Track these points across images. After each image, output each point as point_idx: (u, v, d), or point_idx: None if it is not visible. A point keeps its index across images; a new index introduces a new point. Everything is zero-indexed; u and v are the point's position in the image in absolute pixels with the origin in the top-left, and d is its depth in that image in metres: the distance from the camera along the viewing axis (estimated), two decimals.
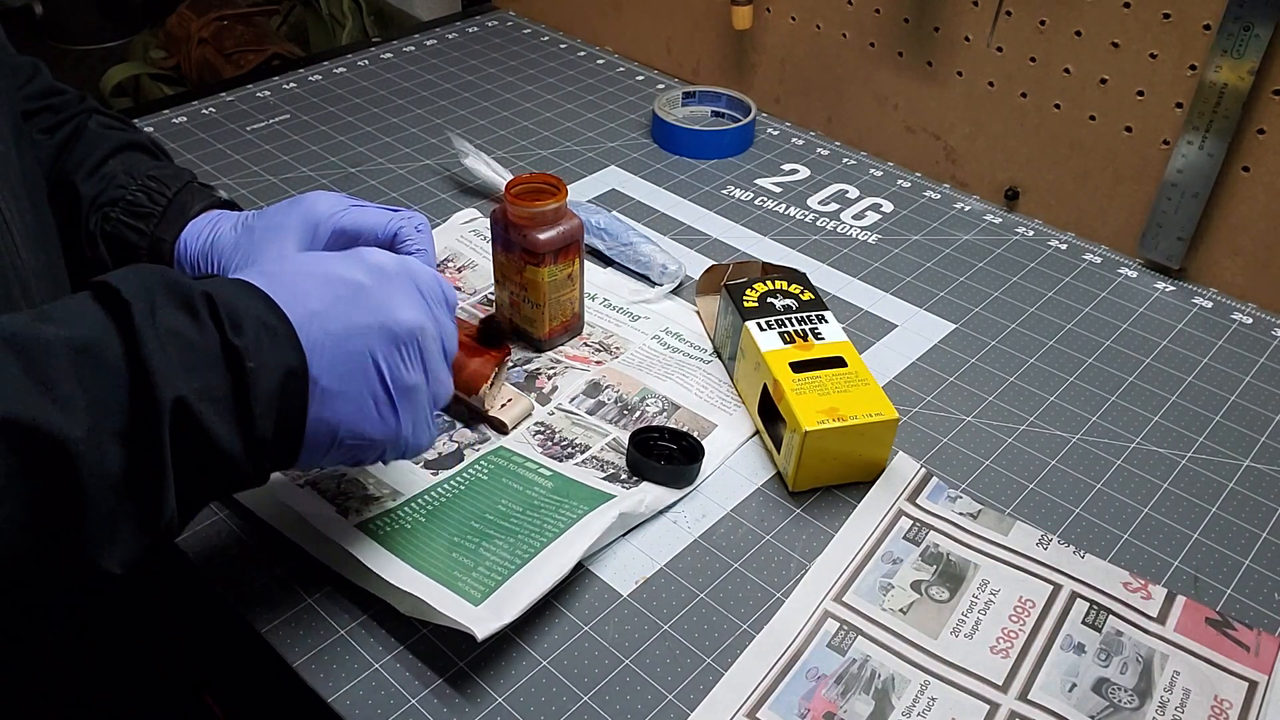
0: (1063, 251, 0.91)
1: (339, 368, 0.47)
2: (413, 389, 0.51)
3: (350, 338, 0.48)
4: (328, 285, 0.49)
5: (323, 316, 0.47)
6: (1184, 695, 0.55)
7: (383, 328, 0.49)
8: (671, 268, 0.83)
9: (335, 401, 0.47)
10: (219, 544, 0.61)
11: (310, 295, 0.48)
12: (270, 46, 1.71)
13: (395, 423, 0.50)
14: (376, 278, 0.50)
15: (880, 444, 0.65)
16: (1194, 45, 0.83)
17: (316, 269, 0.50)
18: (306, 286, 0.48)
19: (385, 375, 0.49)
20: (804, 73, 1.10)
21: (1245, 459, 0.70)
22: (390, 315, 0.49)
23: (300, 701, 0.54)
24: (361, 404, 0.48)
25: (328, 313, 0.48)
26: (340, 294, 0.48)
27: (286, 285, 0.48)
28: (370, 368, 0.48)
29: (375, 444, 0.50)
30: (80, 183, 0.68)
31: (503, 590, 0.54)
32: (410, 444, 0.52)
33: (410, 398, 0.51)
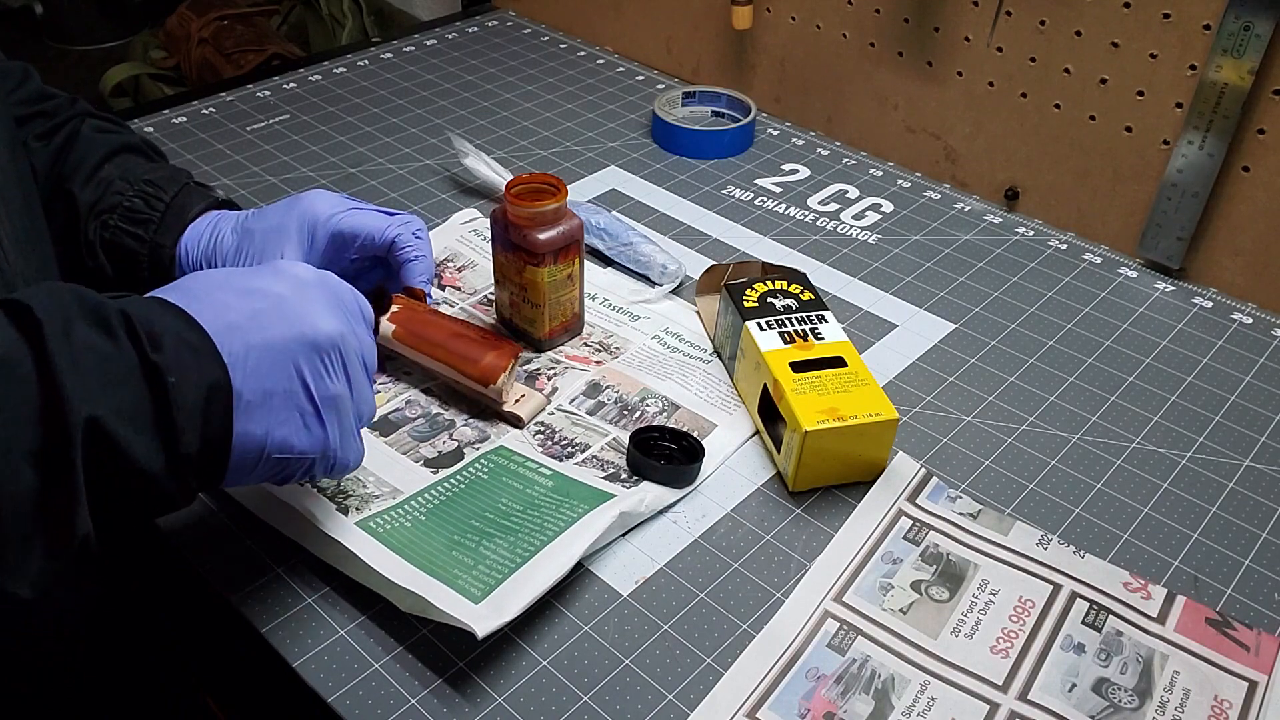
0: (1063, 251, 0.91)
1: (262, 380, 0.47)
2: (338, 398, 0.50)
3: (271, 349, 0.47)
4: (246, 298, 0.48)
5: (243, 329, 0.47)
6: (1184, 695, 0.55)
7: (303, 337, 0.48)
8: (671, 268, 0.83)
9: (260, 414, 0.47)
10: (219, 544, 0.61)
11: (229, 308, 0.47)
12: (270, 46, 1.71)
13: (323, 434, 0.50)
14: (294, 289, 0.50)
15: (880, 444, 0.65)
16: (1194, 45, 0.83)
17: (234, 283, 0.49)
18: (224, 300, 0.47)
19: (309, 385, 0.48)
20: (804, 73, 1.10)
21: (1245, 459, 0.70)
22: (310, 325, 0.49)
23: (300, 701, 0.54)
24: (287, 415, 0.48)
25: (247, 325, 0.47)
26: (258, 307, 0.48)
27: (203, 300, 0.47)
28: (294, 377, 0.48)
29: (303, 457, 0.49)
30: (77, 190, 0.68)
31: (503, 588, 0.54)
32: (338, 457, 0.51)
33: (336, 407, 0.50)
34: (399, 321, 0.70)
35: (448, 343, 0.69)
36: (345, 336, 0.50)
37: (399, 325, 0.70)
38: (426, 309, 0.71)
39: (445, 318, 0.71)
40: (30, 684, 0.56)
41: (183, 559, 0.60)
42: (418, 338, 0.69)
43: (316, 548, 0.59)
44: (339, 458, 0.51)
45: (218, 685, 0.60)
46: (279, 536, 0.61)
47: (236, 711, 0.63)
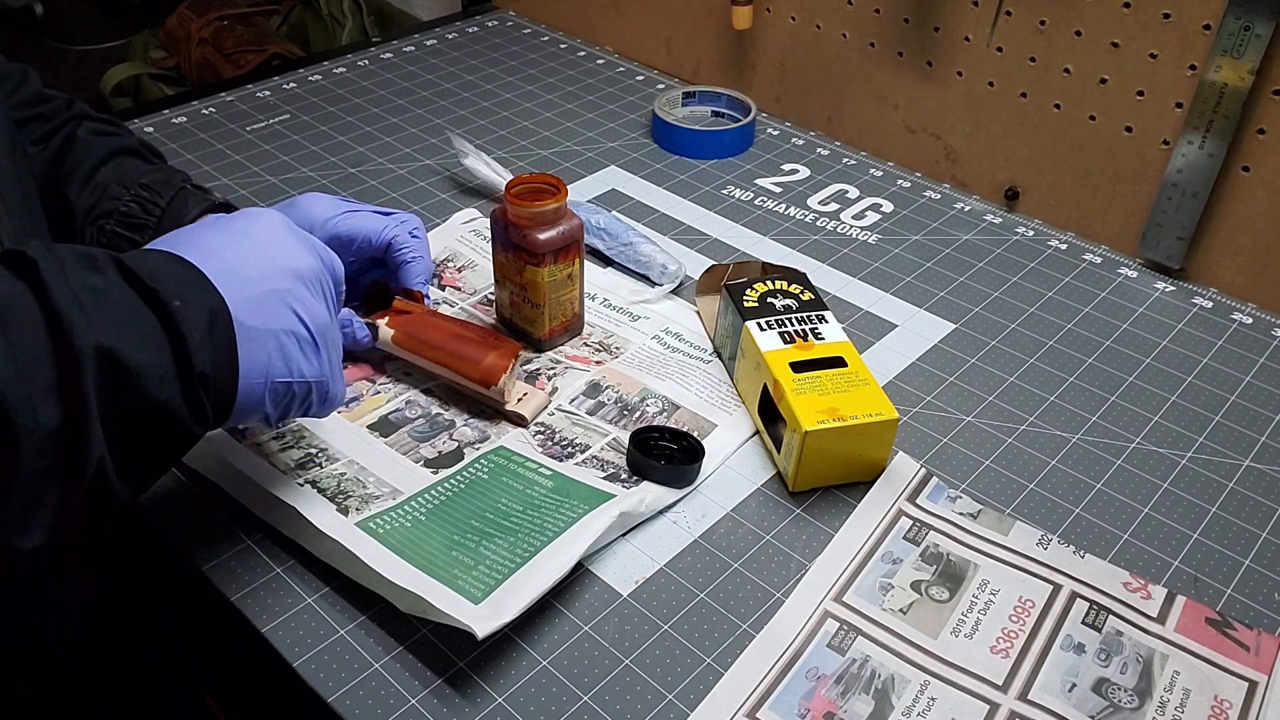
0: (1063, 251, 0.91)
1: (257, 307, 0.48)
2: (327, 326, 0.52)
3: (261, 279, 0.49)
4: (228, 236, 0.50)
5: (230, 262, 0.49)
6: (1184, 695, 0.55)
7: (288, 269, 0.51)
8: (671, 268, 0.83)
9: (262, 340, 0.49)
10: (219, 543, 0.61)
11: (214, 249, 0.49)
12: (270, 46, 1.71)
13: (318, 361, 0.51)
14: (270, 227, 0.52)
15: (880, 444, 0.65)
16: (1194, 45, 0.83)
17: (213, 228, 0.51)
18: (207, 240, 0.50)
19: (302, 313, 0.50)
20: (804, 73, 1.10)
21: (1245, 459, 0.70)
22: (291, 260, 0.51)
23: (300, 701, 0.54)
24: (286, 341, 0.50)
25: (234, 258, 0.49)
26: (240, 243, 0.50)
27: (187, 244, 0.49)
28: (285, 306, 0.50)
29: (304, 383, 0.51)
30: (73, 196, 0.68)
31: (503, 589, 0.54)
32: (330, 387, 0.53)
33: (327, 336, 0.52)
34: (397, 326, 0.70)
35: (448, 345, 0.69)
36: (322, 272, 0.53)
37: (398, 330, 0.70)
38: (425, 310, 0.71)
39: (444, 319, 0.71)
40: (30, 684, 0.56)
41: (183, 558, 0.60)
42: (418, 341, 0.69)
43: (316, 548, 0.59)
44: (331, 388, 0.53)
45: (218, 685, 0.60)
46: (279, 536, 0.61)
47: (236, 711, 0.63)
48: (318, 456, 0.65)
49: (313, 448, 0.65)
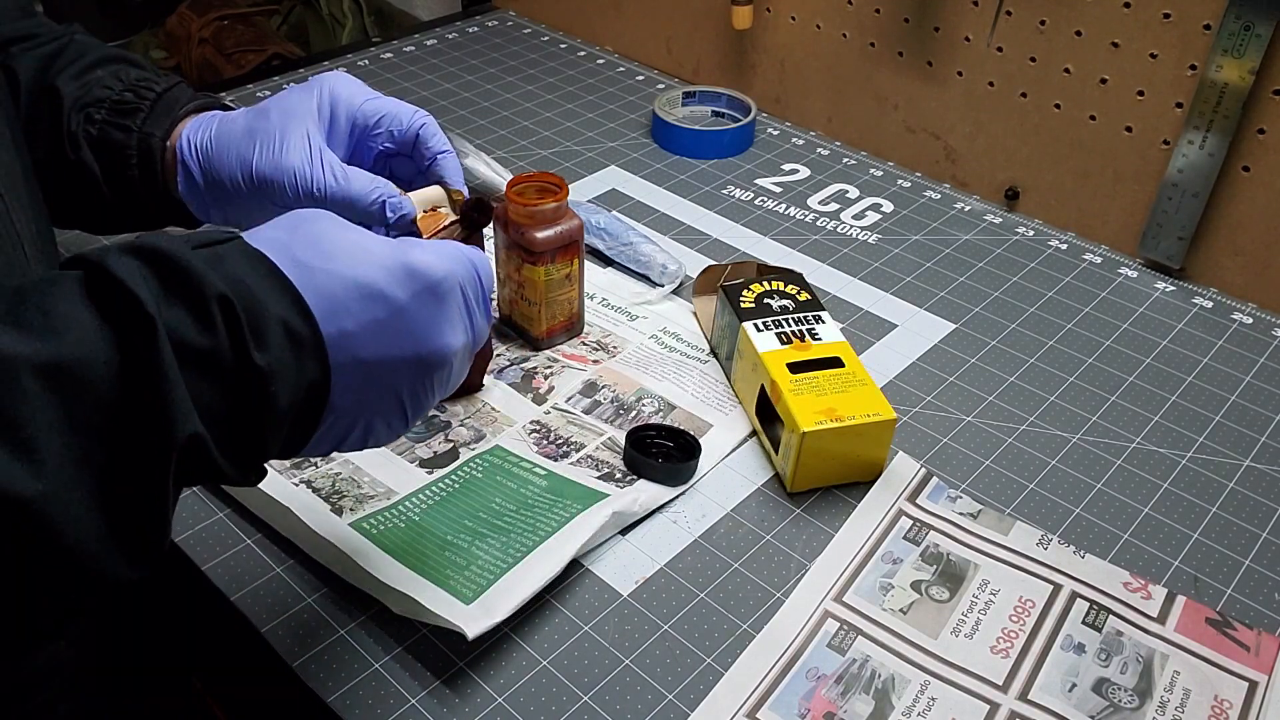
0: (1063, 251, 0.91)
1: (360, 396, 0.42)
2: (428, 410, 0.47)
3: (381, 369, 0.42)
4: (367, 303, 0.41)
5: (355, 340, 0.41)
6: (1184, 695, 0.55)
7: (418, 360, 0.43)
8: (671, 268, 0.82)
9: (345, 421, 0.43)
10: (219, 543, 0.61)
11: (346, 312, 0.41)
12: (270, 46, 1.71)
13: (403, 430, 0.46)
14: (417, 297, 0.43)
15: (878, 444, 0.65)
16: (1194, 45, 0.83)
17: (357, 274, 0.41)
18: (343, 298, 0.41)
19: (406, 405, 0.44)
20: (804, 73, 1.10)
21: (1245, 459, 0.70)
22: (428, 345, 0.43)
23: (300, 701, 0.54)
24: (372, 423, 0.44)
25: (361, 336, 0.41)
26: (378, 317, 0.41)
27: (320, 288, 0.40)
28: (393, 399, 0.44)
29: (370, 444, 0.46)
30: (64, 85, 0.62)
31: (494, 589, 0.54)
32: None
33: (422, 414, 0.47)
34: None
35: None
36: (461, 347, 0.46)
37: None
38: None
39: None
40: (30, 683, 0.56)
41: (183, 558, 0.60)
42: None
43: (311, 548, 0.59)
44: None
45: (218, 685, 0.60)
46: (279, 536, 0.61)
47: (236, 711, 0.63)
48: None
49: None
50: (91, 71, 0.63)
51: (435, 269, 0.43)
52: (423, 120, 0.63)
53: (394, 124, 0.63)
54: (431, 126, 0.63)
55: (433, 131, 0.63)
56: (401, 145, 0.64)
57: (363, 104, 0.62)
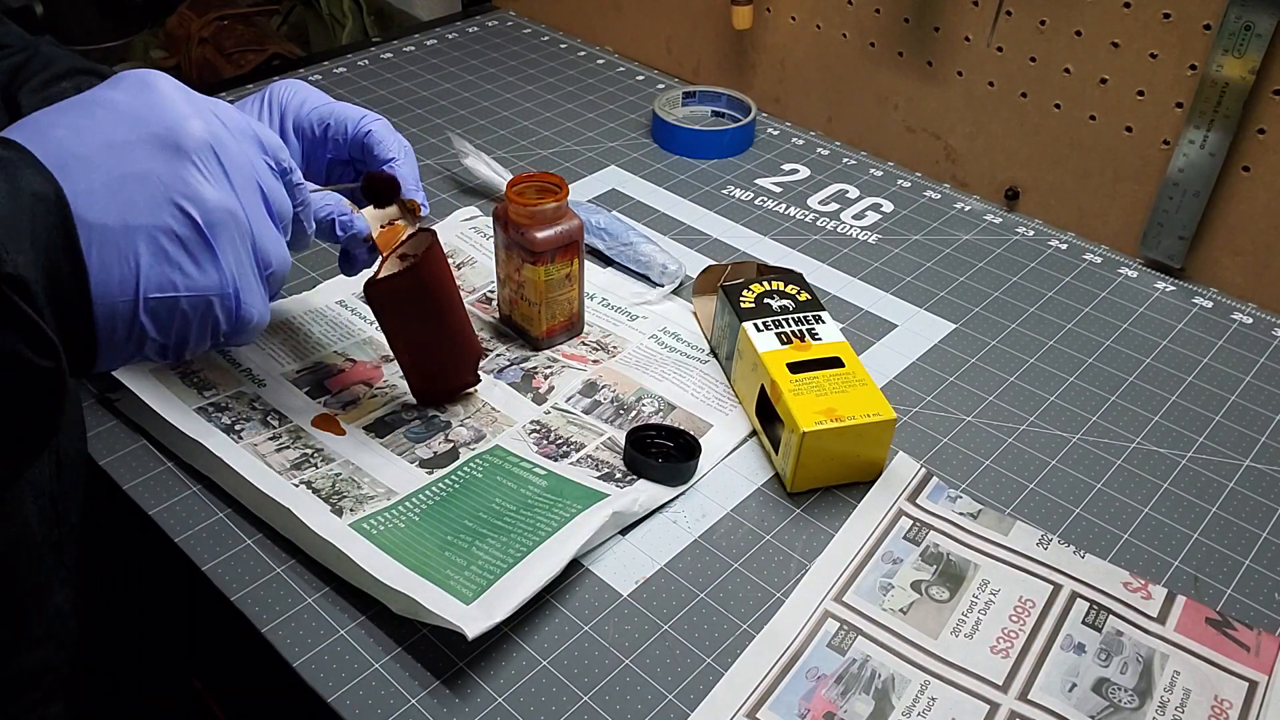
0: (1063, 251, 0.91)
1: (112, 197, 0.36)
2: (228, 214, 0.40)
3: (118, 157, 0.37)
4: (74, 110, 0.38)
5: (72, 142, 0.36)
6: (1184, 695, 0.55)
7: (157, 140, 0.38)
8: (672, 268, 0.82)
9: (119, 240, 0.36)
10: (219, 543, 0.61)
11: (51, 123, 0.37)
12: (270, 46, 1.71)
13: (215, 266, 0.39)
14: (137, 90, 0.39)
15: (878, 444, 0.65)
16: (1194, 45, 0.83)
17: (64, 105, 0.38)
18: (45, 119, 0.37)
19: (180, 201, 0.38)
20: (804, 73, 1.10)
21: (1245, 459, 0.70)
22: (163, 125, 0.38)
23: (300, 701, 0.54)
24: (159, 240, 0.38)
25: (78, 137, 0.36)
26: (89, 116, 0.37)
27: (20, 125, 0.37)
28: (156, 191, 0.37)
29: (195, 298, 0.39)
30: (24, 99, 0.58)
31: (494, 589, 0.54)
32: (244, 302, 0.41)
33: (228, 229, 0.40)
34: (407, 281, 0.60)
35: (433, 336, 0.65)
36: (222, 140, 0.40)
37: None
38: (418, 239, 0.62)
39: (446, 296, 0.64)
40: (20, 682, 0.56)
41: (183, 558, 0.60)
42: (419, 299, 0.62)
43: (311, 548, 0.59)
44: (244, 303, 0.41)
45: (218, 685, 0.60)
46: (279, 536, 0.61)
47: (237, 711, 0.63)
48: (313, 457, 0.65)
49: (309, 448, 0.65)
50: (56, 84, 0.60)
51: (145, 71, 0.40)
52: (369, 125, 0.59)
53: (338, 131, 0.58)
54: (380, 132, 0.59)
55: (379, 138, 0.59)
56: (351, 152, 0.60)
57: (309, 111, 0.58)
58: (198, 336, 0.41)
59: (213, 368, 0.71)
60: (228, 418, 0.66)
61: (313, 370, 0.72)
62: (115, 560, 0.67)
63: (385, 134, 0.58)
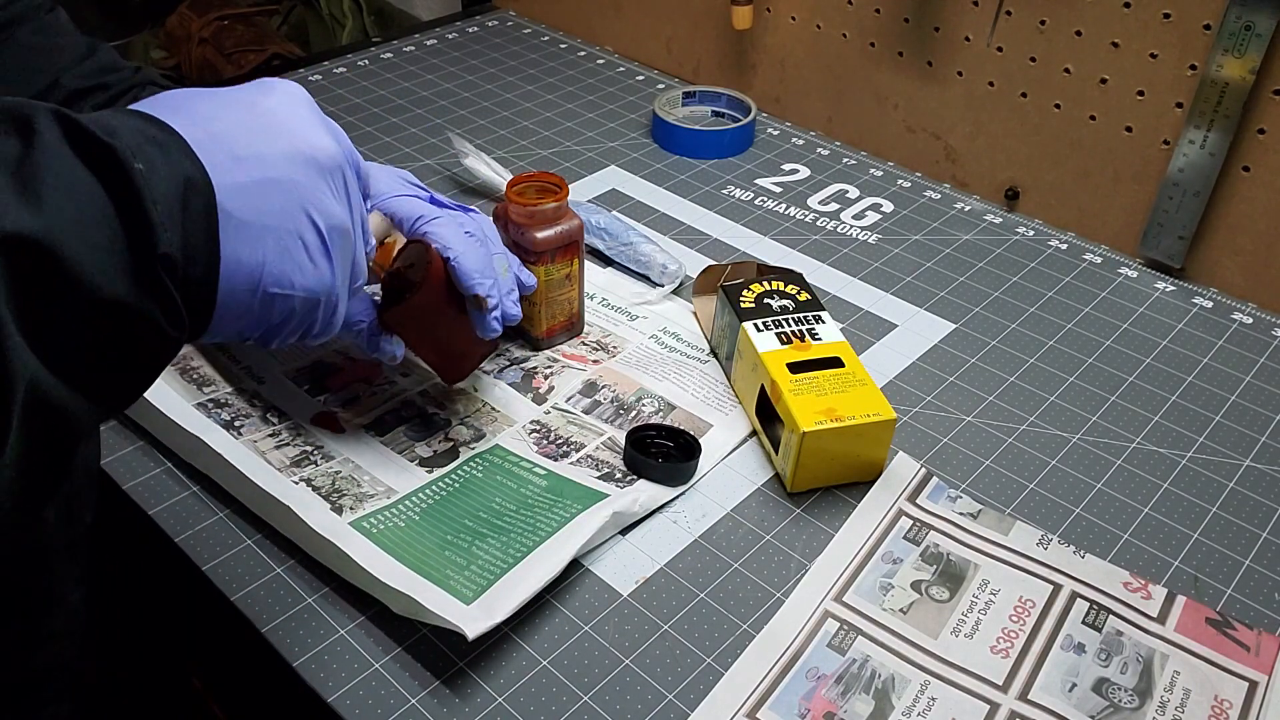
0: (1063, 251, 0.91)
1: (254, 197, 0.39)
2: (345, 230, 0.44)
3: (263, 163, 0.40)
4: (228, 107, 0.40)
5: (225, 137, 0.39)
6: (1184, 695, 0.55)
7: (302, 155, 0.41)
8: (672, 267, 0.82)
9: (253, 236, 0.40)
10: (219, 543, 0.61)
11: (208, 117, 0.39)
12: (270, 46, 1.71)
13: (329, 269, 0.43)
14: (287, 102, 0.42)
15: (878, 444, 0.65)
16: (1194, 45, 0.83)
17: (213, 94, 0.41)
18: (198, 106, 0.40)
19: (311, 211, 0.42)
20: (804, 73, 1.10)
21: (1245, 459, 0.70)
22: (308, 141, 0.42)
23: (300, 701, 0.54)
24: (288, 242, 0.41)
25: (233, 134, 0.39)
26: (243, 116, 0.40)
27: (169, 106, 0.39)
28: (293, 200, 0.41)
29: (307, 298, 0.43)
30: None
31: (495, 589, 0.54)
32: (339, 304, 0.45)
33: (342, 239, 0.44)
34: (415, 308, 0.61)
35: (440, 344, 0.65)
36: (345, 164, 0.44)
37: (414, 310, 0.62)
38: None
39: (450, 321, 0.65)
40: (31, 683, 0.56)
41: (183, 558, 0.60)
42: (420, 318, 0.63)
43: (310, 547, 0.59)
44: (336, 309, 0.45)
45: (218, 685, 0.60)
46: (279, 536, 0.61)
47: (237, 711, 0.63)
48: (313, 454, 0.65)
49: (308, 445, 0.65)
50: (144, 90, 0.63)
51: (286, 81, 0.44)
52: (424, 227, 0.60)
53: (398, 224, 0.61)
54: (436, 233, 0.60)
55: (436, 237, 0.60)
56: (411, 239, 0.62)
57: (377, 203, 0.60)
58: (293, 330, 0.45)
59: (212, 364, 0.71)
60: (227, 414, 0.66)
61: (312, 368, 0.72)
62: (116, 560, 0.67)
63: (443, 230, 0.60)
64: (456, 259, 0.61)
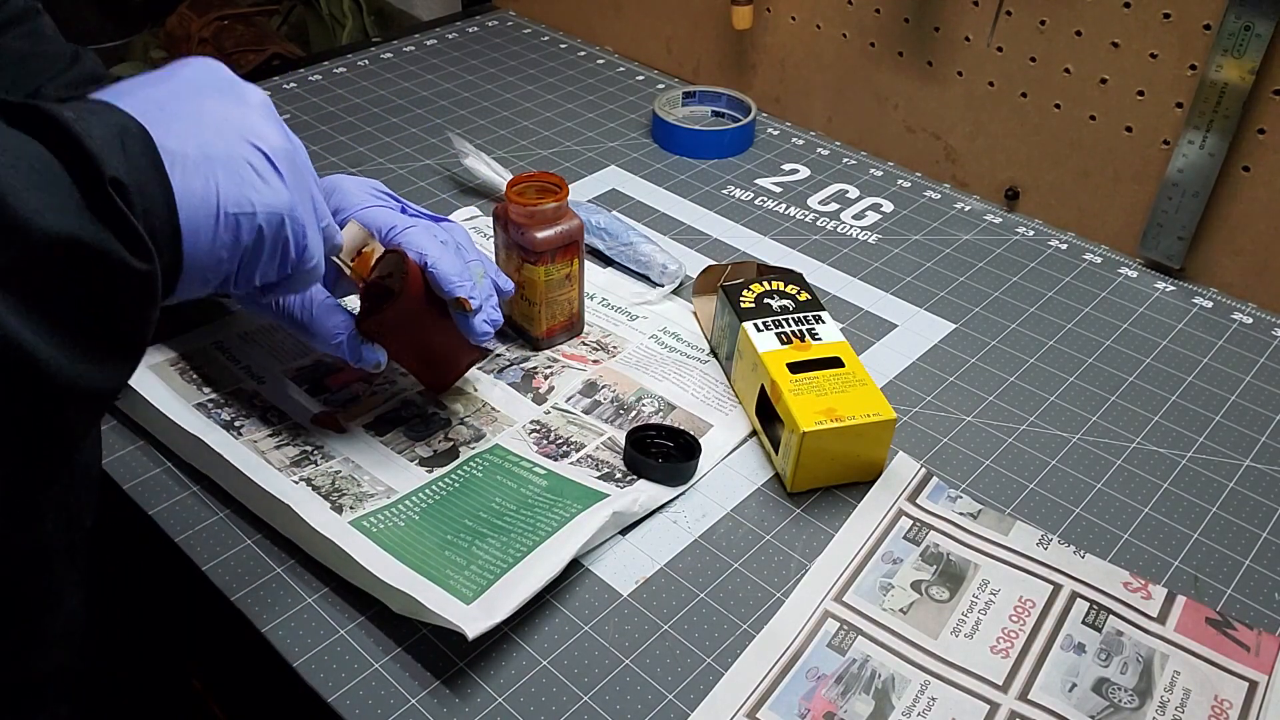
0: (1063, 251, 0.91)
1: (192, 134, 0.41)
2: (288, 152, 0.45)
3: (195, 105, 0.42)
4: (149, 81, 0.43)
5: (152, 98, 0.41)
6: (1184, 695, 0.55)
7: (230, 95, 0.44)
8: (672, 267, 0.82)
9: (200, 167, 0.41)
10: (219, 543, 0.61)
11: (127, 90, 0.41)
12: (270, 46, 1.71)
13: (284, 187, 0.44)
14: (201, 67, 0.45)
15: (878, 444, 0.65)
16: (1194, 45, 0.83)
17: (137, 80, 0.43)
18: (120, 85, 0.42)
19: (252, 137, 0.43)
20: (804, 73, 1.10)
21: (1245, 459, 0.70)
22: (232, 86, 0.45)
23: (300, 701, 0.54)
24: (235, 166, 0.42)
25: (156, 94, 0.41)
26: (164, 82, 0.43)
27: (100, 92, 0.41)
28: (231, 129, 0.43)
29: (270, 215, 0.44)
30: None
31: (494, 589, 0.54)
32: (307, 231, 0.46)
33: (289, 161, 0.45)
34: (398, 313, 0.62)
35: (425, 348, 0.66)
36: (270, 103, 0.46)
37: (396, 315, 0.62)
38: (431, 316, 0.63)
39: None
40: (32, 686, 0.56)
41: (183, 558, 0.60)
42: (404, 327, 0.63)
43: (310, 546, 0.59)
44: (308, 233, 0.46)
45: (218, 685, 0.60)
46: (279, 536, 0.61)
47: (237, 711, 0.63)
48: (313, 454, 0.65)
49: (308, 445, 0.65)
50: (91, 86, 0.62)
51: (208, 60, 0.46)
52: (398, 237, 0.62)
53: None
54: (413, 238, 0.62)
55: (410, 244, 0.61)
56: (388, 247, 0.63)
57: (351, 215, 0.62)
58: (268, 258, 0.45)
59: (212, 364, 0.71)
60: (227, 414, 0.66)
61: (312, 367, 0.72)
62: (116, 561, 0.67)
63: (417, 238, 0.61)
64: (434, 265, 0.61)
